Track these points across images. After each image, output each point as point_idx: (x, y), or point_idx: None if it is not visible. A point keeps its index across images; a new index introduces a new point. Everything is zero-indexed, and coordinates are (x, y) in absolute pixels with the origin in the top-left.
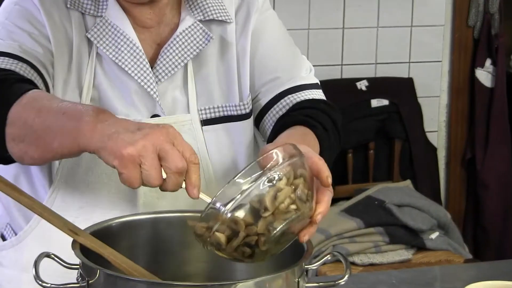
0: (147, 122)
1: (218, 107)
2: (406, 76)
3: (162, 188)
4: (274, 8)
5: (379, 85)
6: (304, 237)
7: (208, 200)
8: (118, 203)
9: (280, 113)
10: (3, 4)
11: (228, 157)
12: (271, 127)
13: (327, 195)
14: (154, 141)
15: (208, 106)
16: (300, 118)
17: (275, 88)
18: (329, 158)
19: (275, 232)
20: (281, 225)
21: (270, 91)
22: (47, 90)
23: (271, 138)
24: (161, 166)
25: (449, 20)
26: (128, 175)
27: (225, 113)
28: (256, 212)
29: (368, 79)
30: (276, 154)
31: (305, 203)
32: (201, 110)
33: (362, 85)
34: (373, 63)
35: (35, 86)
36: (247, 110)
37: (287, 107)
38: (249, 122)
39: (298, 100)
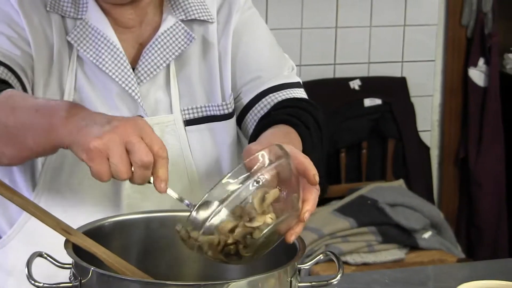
0: (119, 116)
1: (201, 107)
2: (399, 75)
3: (131, 181)
4: (267, 7)
5: (372, 85)
6: (291, 237)
7: (175, 196)
8: (102, 206)
9: (262, 112)
10: None
11: (211, 157)
12: (253, 126)
13: (314, 193)
14: (121, 134)
15: (191, 106)
16: (282, 117)
17: (256, 87)
18: (313, 156)
19: (258, 238)
20: (266, 230)
21: (251, 90)
22: (24, 91)
23: (253, 137)
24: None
25: (442, 19)
26: (96, 168)
27: (208, 113)
28: (239, 217)
29: (361, 79)
30: (263, 156)
31: (292, 205)
32: (184, 110)
33: (355, 84)
34: (366, 63)
35: (10, 86)
36: (230, 110)
37: (269, 106)
38: (232, 121)
39: (280, 99)
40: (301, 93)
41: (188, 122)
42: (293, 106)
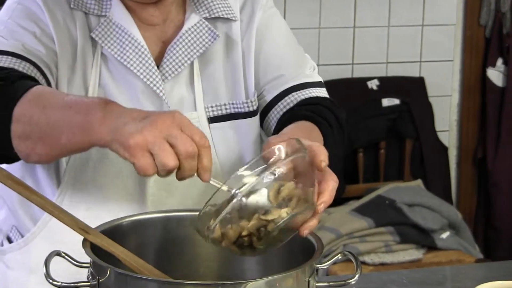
0: (155, 111)
1: (224, 105)
2: (417, 75)
3: (178, 176)
4: (285, 7)
5: (390, 85)
6: (305, 231)
7: (219, 185)
8: (126, 203)
9: (284, 110)
10: (6, 3)
11: (235, 154)
12: (275, 124)
13: (331, 185)
14: (160, 127)
15: (214, 103)
16: (305, 113)
17: (279, 85)
18: (334, 154)
19: (272, 231)
20: (280, 223)
21: (274, 88)
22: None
23: (275, 133)
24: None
25: (461, 19)
26: (139, 164)
27: (232, 110)
28: (254, 209)
29: (379, 78)
30: (279, 149)
31: (307, 198)
32: (207, 107)
33: (373, 84)
34: (384, 62)
35: (38, 83)
36: (254, 107)
37: (292, 104)
38: (256, 119)
39: (303, 97)
40: (323, 92)
41: (212, 120)
42: (316, 103)
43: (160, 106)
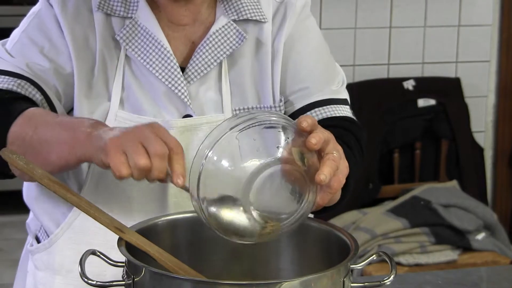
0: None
1: (252, 108)
2: (453, 76)
3: (149, 177)
4: (321, 7)
5: (426, 85)
6: (320, 176)
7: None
8: (148, 205)
9: None
10: (30, 11)
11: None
12: None
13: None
14: (137, 133)
15: (242, 106)
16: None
17: (303, 98)
18: (353, 175)
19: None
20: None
21: (297, 101)
22: (49, 104)
23: None
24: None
25: (497, 20)
26: (113, 163)
27: None
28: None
29: (415, 79)
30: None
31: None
32: (235, 110)
33: (409, 84)
34: (420, 63)
35: (33, 103)
36: (282, 112)
37: None
38: None
39: (324, 116)
40: (346, 111)
41: None
42: (336, 126)
43: (184, 108)
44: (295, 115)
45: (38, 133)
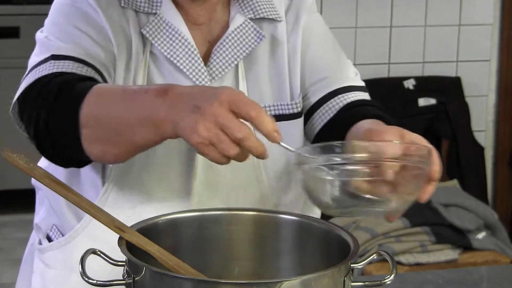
0: (206, 90)
1: (269, 106)
2: (453, 75)
3: (241, 158)
4: (321, 7)
5: (426, 84)
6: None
7: (291, 148)
8: (171, 203)
9: (330, 112)
10: (55, 5)
11: (279, 155)
12: (320, 126)
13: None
14: (211, 118)
15: (260, 105)
16: (375, 112)
17: (324, 88)
18: None
19: None
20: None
21: (319, 91)
22: None
23: (322, 137)
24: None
25: (498, 19)
26: (211, 158)
27: (277, 112)
28: None
29: (416, 78)
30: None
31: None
32: None
33: (409, 84)
34: (420, 62)
35: (97, 82)
36: (299, 109)
37: (337, 107)
38: (300, 121)
39: (349, 100)
40: (367, 97)
41: None
42: (366, 105)
43: None
44: (316, 106)
45: (114, 112)
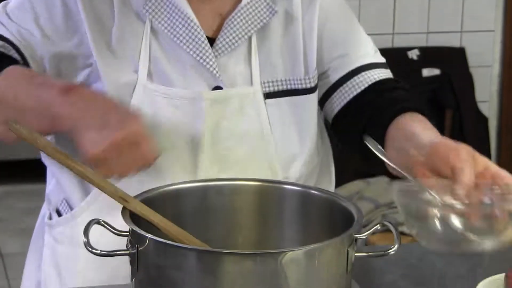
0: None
1: (281, 80)
2: (458, 45)
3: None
4: None
5: (430, 55)
6: None
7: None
8: (179, 176)
9: (353, 90)
10: None
11: (291, 131)
12: (341, 104)
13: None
14: (125, 137)
15: (271, 79)
16: (414, 105)
17: (345, 65)
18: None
19: None
20: None
21: (340, 68)
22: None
23: (346, 115)
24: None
25: None
26: (104, 173)
27: (289, 87)
28: None
29: (420, 48)
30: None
31: None
32: (264, 83)
33: (413, 54)
34: (424, 32)
35: (16, 63)
36: (312, 84)
37: (361, 85)
38: (314, 96)
39: (373, 79)
40: (388, 74)
41: (268, 95)
42: (396, 87)
43: (214, 80)
44: (337, 83)
45: (18, 99)
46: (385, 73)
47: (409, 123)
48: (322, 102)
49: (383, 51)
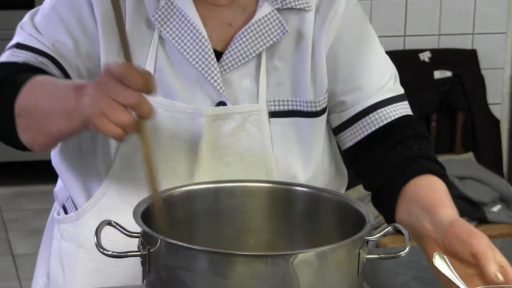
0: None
1: (287, 101)
2: (469, 47)
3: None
4: None
5: (442, 57)
6: None
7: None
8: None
9: (368, 128)
10: None
11: (293, 153)
12: (354, 140)
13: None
14: (103, 88)
15: (277, 98)
16: (428, 165)
17: (359, 101)
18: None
19: None
20: None
21: (354, 103)
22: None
23: (355, 153)
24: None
25: None
26: (102, 130)
27: (294, 108)
28: None
29: (431, 51)
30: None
31: None
32: (270, 101)
33: (425, 56)
34: (436, 34)
35: (43, 73)
36: (319, 108)
37: (376, 124)
38: (320, 120)
39: (388, 117)
40: (406, 108)
41: (273, 114)
42: (416, 136)
43: (217, 96)
44: (352, 119)
45: (40, 105)
46: (402, 108)
47: (427, 192)
48: (335, 131)
49: (395, 53)
